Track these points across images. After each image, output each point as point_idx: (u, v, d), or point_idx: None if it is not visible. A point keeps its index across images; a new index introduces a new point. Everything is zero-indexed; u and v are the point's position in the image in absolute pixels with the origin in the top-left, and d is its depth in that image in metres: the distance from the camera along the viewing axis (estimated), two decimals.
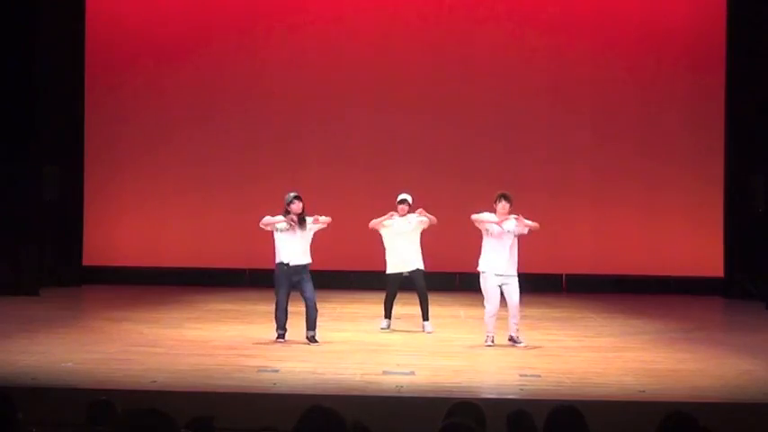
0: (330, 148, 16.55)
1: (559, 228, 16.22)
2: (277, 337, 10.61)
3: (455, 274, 15.63)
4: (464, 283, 15.50)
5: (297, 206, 10.67)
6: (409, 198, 11.79)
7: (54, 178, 15.72)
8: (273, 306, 10.69)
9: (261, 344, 10.39)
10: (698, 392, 8.43)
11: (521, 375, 9.04)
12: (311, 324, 10.62)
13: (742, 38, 15.86)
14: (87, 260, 16.57)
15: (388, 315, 11.83)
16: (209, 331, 11.59)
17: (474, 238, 10.52)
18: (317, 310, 10.63)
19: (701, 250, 16.25)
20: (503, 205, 10.40)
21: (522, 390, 8.44)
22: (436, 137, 16.47)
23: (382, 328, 11.73)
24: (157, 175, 16.63)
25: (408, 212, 11.73)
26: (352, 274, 15.62)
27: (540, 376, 9.05)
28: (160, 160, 16.63)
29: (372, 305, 11.77)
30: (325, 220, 10.80)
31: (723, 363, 9.91)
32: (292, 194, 10.82)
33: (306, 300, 10.62)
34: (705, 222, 16.27)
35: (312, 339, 10.56)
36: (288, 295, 10.65)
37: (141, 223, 16.67)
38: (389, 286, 11.78)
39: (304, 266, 10.67)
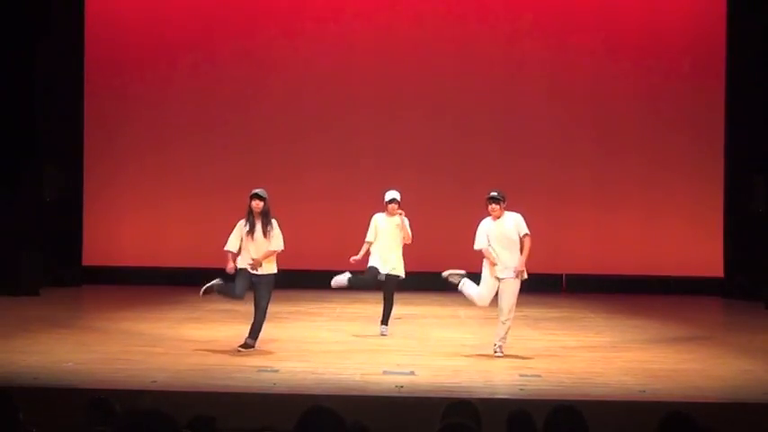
0: (330, 150, 16.55)
1: (559, 228, 16.24)
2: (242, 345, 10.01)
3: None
4: None
5: (255, 204, 10.04)
6: (398, 196, 11.34)
7: (54, 178, 15.73)
8: (274, 307, 10.59)
9: (261, 344, 10.37)
10: (698, 392, 8.43)
11: (521, 375, 9.04)
12: (255, 332, 10.00)
13: (742, 39, 15.88)
14: (87, 260, 16.57)
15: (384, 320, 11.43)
16: (209, 331, 11.59)
17: (474, 239, 10.46)
18: (264, 319, 10.03)
19: (701, 250, 16.26)
20: (491, 207, 10.03)
21: (522, 390, 8.43)
22: (437, 139, 16.48)
23: (383, 334, 11.35)
24: (158, 175, 16.63)
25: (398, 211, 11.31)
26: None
27: (540, 376, 9.05)
28: (160, 160, 16.63)
29: (372, 305, 11.76)
30: (274, 248, 10.02)
31: (723, 363, 9.91)
32: (255, 191, 10.07)
33: (256, 307, 10.04)
34: (705, 222, 16.28)
35: (249, 346, 9.95)
36: (244, 287, 10.01)
37: (141, 223, 16.67)
38: (368, 273, 11.30)
39: (258, 276, 9.99)
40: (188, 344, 10.63)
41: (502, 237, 9.97)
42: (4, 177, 15.32)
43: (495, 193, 10.04)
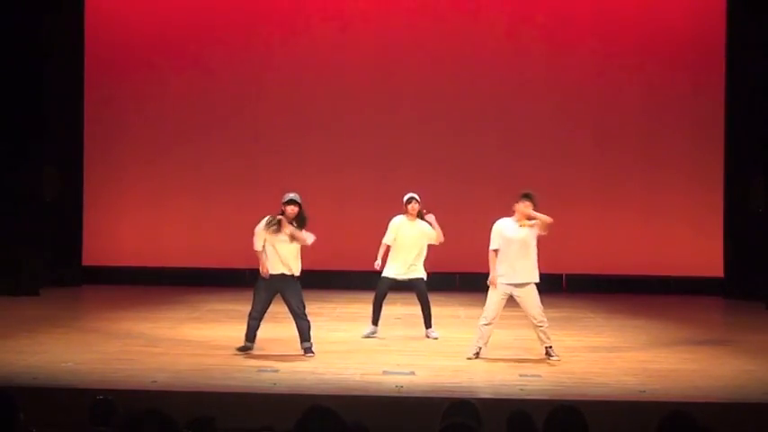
0: (330, 149, 16.55)
1: (560, 228, 16.11)
2: (239, 347, 9.94)
3: (455, 274, 15.63)
4: (464, 283, 15.53)
5: (290, 210, 9.95)
6: (417, 196, 11.25)
7: (54, 178, 15.73)
8: (275, 307, 10.54)
9: (261, 344, 10.37)
10: (698, 392, 8.44)
11: (521, 375, 9.05)
12: (304, 336, 10.00)
13: (742, 38, 15.87)
14: (87, 260, 16.57)
15: (375, 321, 11.31)
16: (210, 331, 11.60)
17: (474, 239, 10.47)
18: (307, 321, 10.02)
19: (701, 250, 16.25)
20: (526, 205, 9.87)
21: (522, 390, 8.44)
22: (437, 137, 16.47)
23: (365, 336, 11.22)
24: (157, 175, 16.63)
25: (419, 213, 11.18)
26: (352, 274, 15.60)
27: (540, 376, 9.06)
28: (160, 160, 16.63)
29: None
30: (305, 236, 9.90)
31: (723, 363, 9.92)
32: (289, 196, 10.01)
33: (291, 313, 10.05)
34: (705, 222, 16.27)
35: (308, 350, 9.96)
36: (266, 303, 10.01)
37: (141, 223, 16.67)
38: (379, 288, 11.29)
39: (285, 277, 9.97)
40: (188, 344, 10.64)
41: (523, 242, 9.87)
42: (4, 177, 15.31)
43: (529, 192, 9.99)
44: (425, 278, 11.28)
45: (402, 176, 15.93)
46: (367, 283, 12.02)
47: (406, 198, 11.32)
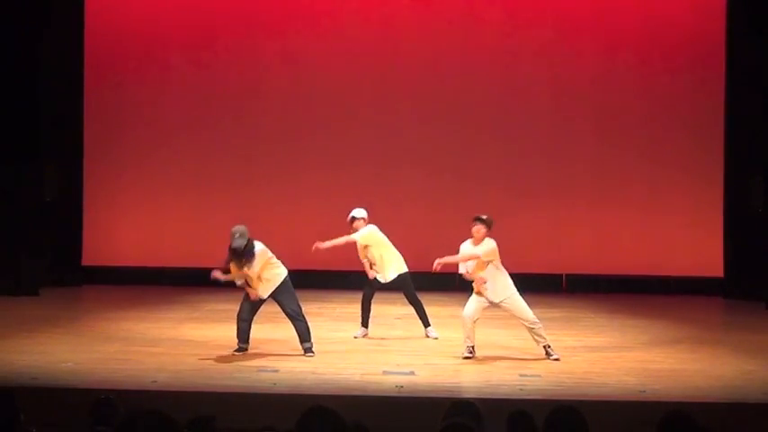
0: (329, 149, 16.55)
1: (560, 228, 16.24)
2: (235, 350, 9.93)
3: (455, 274, 15.60)
4: (464, 283, 15.48)
5: (235, 243, 9.79)
6: (358, 213, 11.40)
7: (54, 178, 15.73)
8: (274, 307, 10.53)
9: (261, 344, 10.38)
10: (698, 392, 8.43)
11: (521, 375, 9.05)
12: (302, 337, 9.97)
13: (742, 38, 15.88)
14: (87, 260, 16.58)
15: (364, 323, 11.40)
16: (209, 331, 11.59)
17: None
18: (304, 321, 10.00)
19: (701, 250, 16.25)
20: (476, 229, 9.91)
21: (522, 390, 8.44)
22: (436, 137, 16.47)
23: (356, 336, 11.28)
24: (157, 174, 16.63)
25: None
26: (351, 275, 15.57)
27: (540, 376, 9.05)
28: (160, 160, 16.63)
29: (373, 305, 11.72)
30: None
31: (723, 363, 9.91)
32: (234, 239, 9.73)
33: (287, 316, 10.05)
34: (705, 222, 16.28)
35: (308, 351, 9.93)
36: (254, 307, 9.97)
37: (141, 223, 16.67)
38: (365, 289, 11.45)
39: (272, 293, 9.97)
40: (188, 344, 10.63)
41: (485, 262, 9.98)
42: (4, 177, 15.31)
43: (483, 216, 9.95)
44: (402, 273, 11.34)
45: (402, 176, 15.97)
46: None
47: (348, 220, 11.45)
